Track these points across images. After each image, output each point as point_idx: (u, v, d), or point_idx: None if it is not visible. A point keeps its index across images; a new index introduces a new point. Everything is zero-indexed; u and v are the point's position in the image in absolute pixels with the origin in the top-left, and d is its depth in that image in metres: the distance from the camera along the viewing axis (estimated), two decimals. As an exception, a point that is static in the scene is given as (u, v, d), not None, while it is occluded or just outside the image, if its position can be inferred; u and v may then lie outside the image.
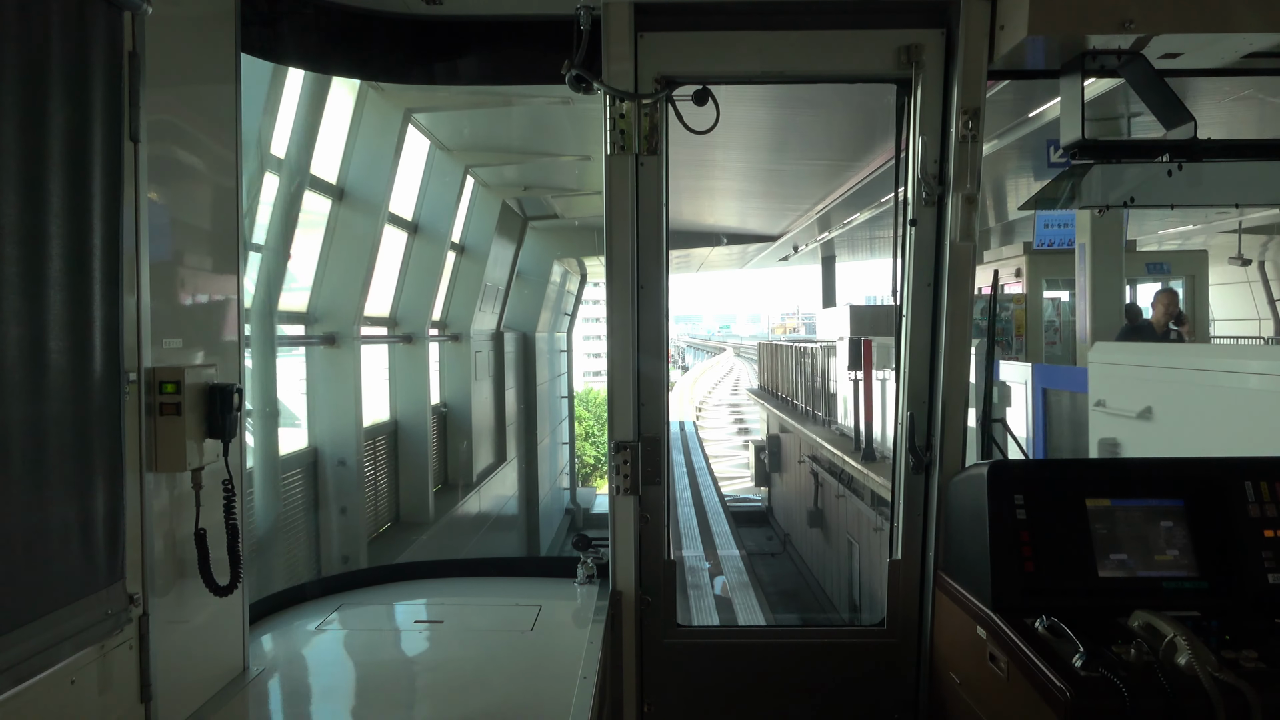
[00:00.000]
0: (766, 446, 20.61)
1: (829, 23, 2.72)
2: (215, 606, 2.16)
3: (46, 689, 1.59)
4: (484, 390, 11.39)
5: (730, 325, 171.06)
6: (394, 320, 8.58)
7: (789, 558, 17.59)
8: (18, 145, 1.48)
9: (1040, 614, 2.13)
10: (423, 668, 2.60)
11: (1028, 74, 2.78)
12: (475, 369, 10.78)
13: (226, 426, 2.08)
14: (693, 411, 41.20)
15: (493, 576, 3.36)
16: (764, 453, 20.72)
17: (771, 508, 21.31)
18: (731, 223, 15.04)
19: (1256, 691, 1.77)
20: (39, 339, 1.53)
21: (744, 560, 15.07)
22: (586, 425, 60.78)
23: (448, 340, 10.18)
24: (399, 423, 8.64)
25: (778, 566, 16.95)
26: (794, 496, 18.05)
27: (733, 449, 33.51)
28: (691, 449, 27.40)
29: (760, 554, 17.60)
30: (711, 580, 14.07)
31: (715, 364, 65.16)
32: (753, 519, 20.95)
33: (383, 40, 2.93)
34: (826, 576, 14.68)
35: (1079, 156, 2.64)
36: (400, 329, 8.61)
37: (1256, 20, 2.35)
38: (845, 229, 14.08)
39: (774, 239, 15.76)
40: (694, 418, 38.93)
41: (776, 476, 20.23)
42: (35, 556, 1.55)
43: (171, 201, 2.05)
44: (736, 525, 18.48)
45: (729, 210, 14.36)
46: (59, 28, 1.57)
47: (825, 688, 2.95)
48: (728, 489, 23.75)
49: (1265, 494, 2.37)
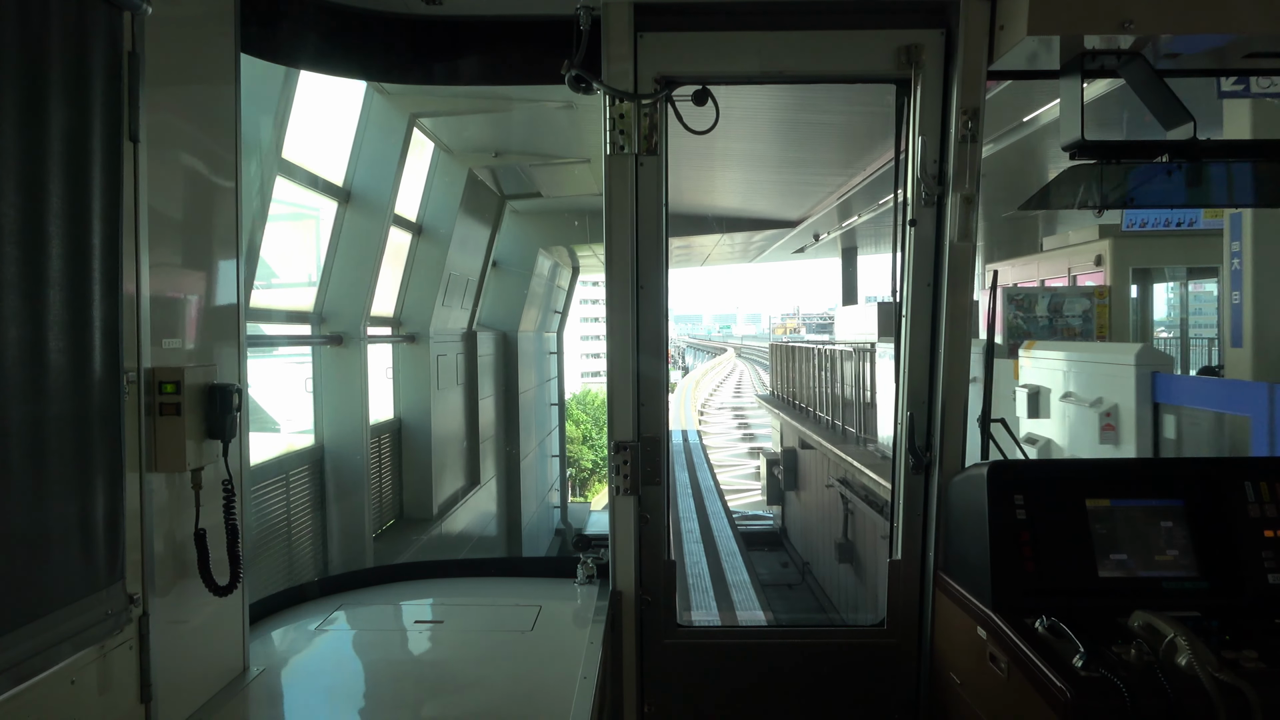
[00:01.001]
0: (781, 461, 18.04)
1: (829, 23, 2.70)
2: (215, 606, 2.16)
3: (46, 689, 1.60)
4: (450, 400, 9.57)
5: (730, 325, 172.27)
6: (320, 317, 6.65)
7: (809, 590, 15.24)
8: (17, 145, 1.48)
9: (1040, 614, 2.13)
10: (423, 668, 2.59)
11: (1027, 74, 2.76)
12: (437, 375, 8.89)
13: (226, 426, 2.09)
14: (695, 417, 38.71)
15: (493, 576, 3.36)
16: (778, 468, 18.23)
17: (785, 529, 18.76)
18: (748, 205, 13.11)
19: (1257, 691, 1.77)
20: (39, 339, 1.54)
21: (756, 590, 13.04)
22: (585, 429, 59.35)
23: (401, 341, 8.30)
24: (326, 448, 6.72)
25: (796, 600, 14.82)
26: (816, 522, 15.69)
27: (737, 457, 30.87)
28: (696, 463, 24.02)
29: (775, 585, 15.46)
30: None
31: (717, 365, 63.12)
32: (764, 541, 18.51)
33: (382, 40, 2.92)
34: (861, 619, 12.45)
35: (1079, 156, 2.60)
36: (327, 327, 6.68)
37: (1256, 20, 2.33)
38: (878, 211, 12.05)
39: (793, 224, 13.79)
40: (696, 423, 36.56)
41: (793, 495, 17.78)
42: (35, 556, 1.56)
43: (171, 201, 2.05)
44: (747, 548, 16.50)
45: (743, 192, 12.47)
46: (59, 28, 1.57)
47: (825, 688, 2.95)
48: (734, 502, 21.57)
49: (1265, 494, 2.37)
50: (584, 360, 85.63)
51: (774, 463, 18.78)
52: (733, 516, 17.97)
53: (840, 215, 13.84)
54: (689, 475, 22.06)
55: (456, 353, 9.89)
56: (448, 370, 9.37)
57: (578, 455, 57.21)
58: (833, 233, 14.85)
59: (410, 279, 8.35)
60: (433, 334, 8.64)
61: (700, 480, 21.85)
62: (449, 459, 9.29)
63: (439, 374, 8.97)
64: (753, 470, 27.07)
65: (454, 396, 9.71)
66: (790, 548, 18.04)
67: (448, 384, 9.41)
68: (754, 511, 21.38)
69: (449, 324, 9.34)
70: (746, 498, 24.00)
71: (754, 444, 31.89)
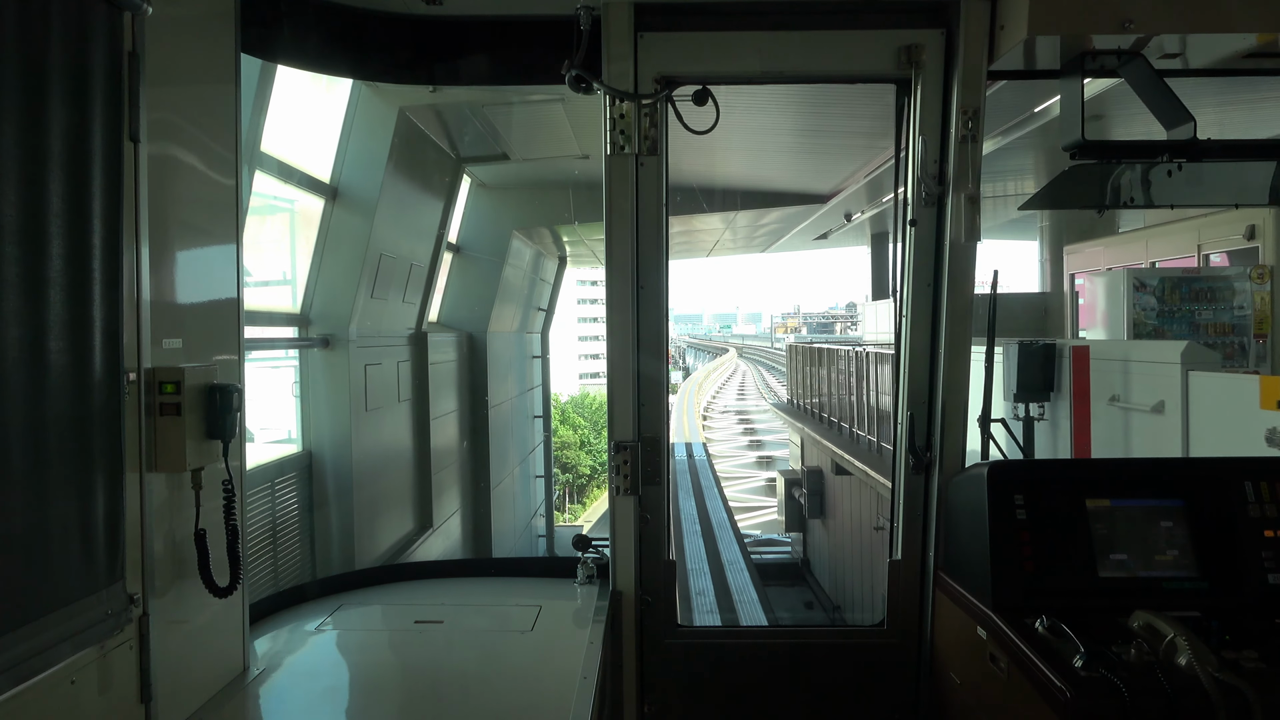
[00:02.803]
0: (804, 483, 14.98)
1: (829, 23, 2.69)
2: (215, 607, 2.16)
3: (46, 689, 1.60)
4: (387, 424, 7.32)
5: (731, 325, 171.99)
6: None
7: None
8: (18, 145, 1.49)
9: (1040, 614, 2.14)
10: (423, 668, 2.57)
11: (1027, 74, 2.75)
12: (365, 392, 6.66)
13: (226, 427, 2.09)
14: (699, 424, 35.83)
15: (493, 577, 3.34)
16: (799, 490, 15.32)
17: (809, 561, 15.78)
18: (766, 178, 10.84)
19: (1257, 691, 1.78)
20: (39, 339, 1.54)
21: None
22: (583, 433, 57.11)
23: (309, 346, 6.09)
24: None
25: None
26: (851, 558, 13.32)
27: (744, 467, 28.32)
28: (705, 486, 19.66)
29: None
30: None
31: (720, 366, 60.66)
32: (783, 573, 15.71)
33: (382, 40, 2.90)
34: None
35: (1079, 156, 2.60)
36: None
37: (1256, 20, 2.34)
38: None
39: (823, 199, 11.48)
40: (700, 430, 33.84)
41: (818, 524, 14.92)
42: (35, 556, 1.56)
43: (171, 201, 2.04)
44: (763, 582, 14.16)
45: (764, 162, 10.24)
46: (59, 28, 1.57)
47: (825, 688, 2.94)
48: (744, 522, 19.00)
49: (1265, 494, 2.37)
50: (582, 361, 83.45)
51: (793, 483, 15.96)
52: (750, 557, 15.12)
53: (869, 194, 11.56)
54: (695, 502, 18.15)
55: (398, 361, 7.64)
56: (383, 385, 7.12)
57: (574, 461, 55.04)
58: (866, 213, 12.57)
59: (322, 261, 6.11)
60: (355, 336, 6.38)
61: (709, 506, 17.88)
62: (386, 501, 7.10)
63: (369, 390, 6.71)
64: (763, 484, 24.56)
65: (393, 418, 7.47)
66: (815, 585, 15.17)
67: (384, 402, 7.16)
68: (768, 535, 18.80)
69: (383, 323, 7.09)
70: (758, 517, 20.91)
71: (762, 453, 29.34)
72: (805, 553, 15.95)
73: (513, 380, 12.28)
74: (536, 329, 14.17)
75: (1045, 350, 5.60)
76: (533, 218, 10.06)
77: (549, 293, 14.23)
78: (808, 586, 15.31)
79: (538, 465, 14.68)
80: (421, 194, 7.31)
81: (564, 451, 52.60)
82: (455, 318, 9.93)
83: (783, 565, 16.23)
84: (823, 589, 14.77)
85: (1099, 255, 10.07)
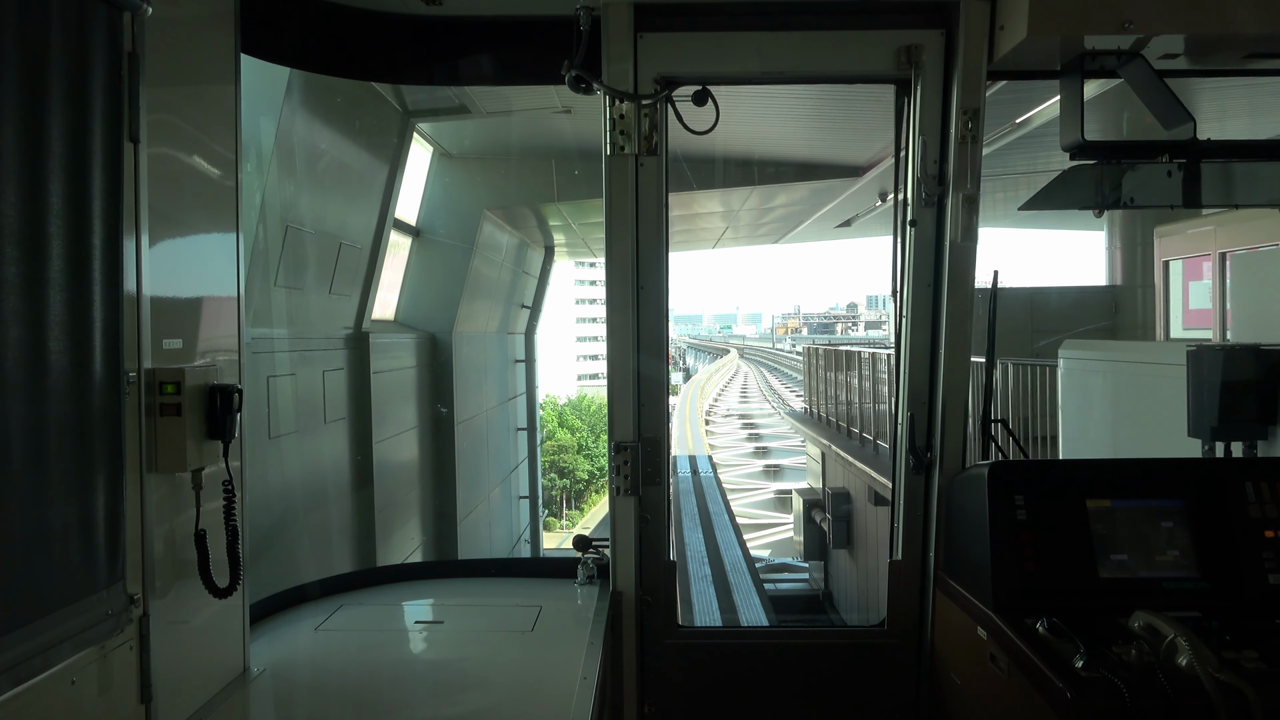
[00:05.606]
0: (828, 507, 12.85)
1: (829, 23, 2.69)
2: (215, 607, 2.14)
3: (47, 689, 1.59)
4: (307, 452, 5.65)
5: (731, 326, 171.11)
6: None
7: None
8: (18, 145, 1.48)
9: (1041, 614, 2.14)
10: (423, 668, 2.58)
11: (1027, 74, 2.74)
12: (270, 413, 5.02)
13: (227, 427, 2.07)
14: (701, 430, 33.72)
15: (493, 577, 3.33)
16: (820, 513, 13.43)
17: (832, 595, 13.66)
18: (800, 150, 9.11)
19: (1257, 692, 1.77)
20: (39, 340, 1.54)
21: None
22: (581, 436, 55.12)
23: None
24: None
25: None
26: (886, 596, 10.72)
27: (750, 477, 26.35)
28: (714, 512, 16.56)
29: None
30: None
31: (722, 367, 58.88)
32: (801, 606, 13.70)
33: (382, 40, 2.92)
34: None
35: (1079, 156, 2.60)
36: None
37: (1256, 20, 2.33)
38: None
39: (860, 171, 9.72)
40: (704, 436, 31.85)
41: (844, 554, 12.82)
42: (35, 557, 1.56)
43: (172, 202, 2.03)
44: (777, 613, 12.44)
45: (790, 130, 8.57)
46: (59, 28, 1.57)
47: (826, 688, 2.94)
48: (752, 542, 17.08)
49: (1265, 494, 2.36)
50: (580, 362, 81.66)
51: (813, 504, 14.07)
52: (761, 583, 13.13)
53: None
54: (703, 535, 15.21)
55: (324, 370, 5.95)
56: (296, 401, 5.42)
57: (572, 465, 53.10)
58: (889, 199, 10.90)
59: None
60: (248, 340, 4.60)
61: (719, 540, 14.88)
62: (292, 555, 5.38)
63: (272, 409, 5.02)
64: (771, 497, 22.77)
65: (314, 445, 5.78)
66: (840, 624, 13.27)
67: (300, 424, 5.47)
68: (780, 559, 16.92)
69: (297, 320, 5.39)
70: (767, 536, 18.59)
71: (769, 461, 27.52)
72: (827, 584, 14.02)
73: (490, 388, 10.58)
74: (520, 329, 12.48)
75: (1263, 360, 3.25)
76: (508, 195, 8.36)
77: (534, 288, 12.55)
78: (831, 623, 13.49)
79: (523, 485, 12.97)
80: (353, 151, 5.61)
81: (561, 456, 50.71)
82: (415, 315, 8.24)
83: (803, 598, 14.25)
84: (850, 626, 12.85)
85: (1205, 239, 8.44)
